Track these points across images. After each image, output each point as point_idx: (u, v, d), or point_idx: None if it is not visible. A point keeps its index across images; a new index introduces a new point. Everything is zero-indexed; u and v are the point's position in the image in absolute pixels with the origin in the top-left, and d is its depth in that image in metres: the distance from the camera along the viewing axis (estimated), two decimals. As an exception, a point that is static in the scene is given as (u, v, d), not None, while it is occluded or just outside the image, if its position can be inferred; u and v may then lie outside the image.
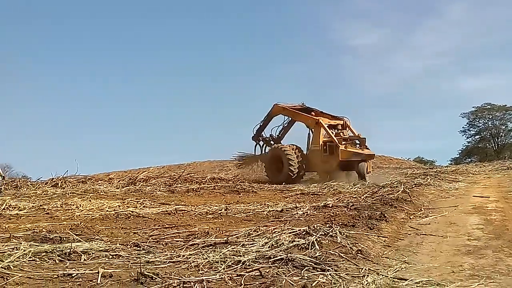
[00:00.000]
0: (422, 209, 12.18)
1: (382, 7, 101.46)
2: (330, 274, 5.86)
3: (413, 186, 16.78)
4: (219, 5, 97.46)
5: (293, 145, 23.37)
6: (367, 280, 5.73)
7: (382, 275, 6.02)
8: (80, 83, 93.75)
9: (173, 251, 6.95)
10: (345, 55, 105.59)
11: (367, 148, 23.12)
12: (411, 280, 5.80)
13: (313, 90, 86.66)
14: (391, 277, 5.96)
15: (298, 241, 7.32)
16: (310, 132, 23.64)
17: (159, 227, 9.38)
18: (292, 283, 5.44)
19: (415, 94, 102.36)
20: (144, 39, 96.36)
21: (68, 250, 6.56)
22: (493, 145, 67.70)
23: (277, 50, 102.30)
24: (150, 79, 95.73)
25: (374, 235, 8.50)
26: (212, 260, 6.25)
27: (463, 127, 69.41)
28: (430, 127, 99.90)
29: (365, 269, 6.29)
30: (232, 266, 6.03)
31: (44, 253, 6.49)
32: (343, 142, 22.64)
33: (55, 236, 7.75)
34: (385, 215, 10.20)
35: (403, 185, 16.02)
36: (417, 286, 5.60)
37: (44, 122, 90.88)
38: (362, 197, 13.67)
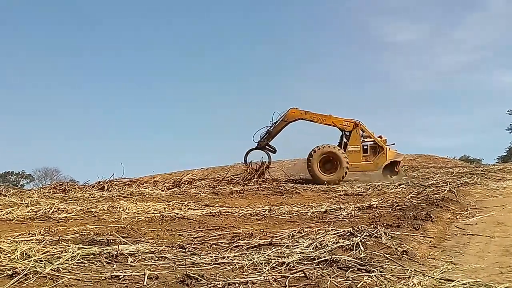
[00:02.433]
0: (469, 208, 11.98)
1: (420, 2, 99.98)
2: (375, 275, 5.82)
3: (459, 185, 16.52)
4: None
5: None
6: (412, 281, 5.67)
7: (428, 276, 5.95)
8: (126, 86, 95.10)
9: (217, 253, 7.00)
10: (384, 52, 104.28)
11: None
12: (458, 281, 5.71)
13: (349, 88, 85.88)
14: (437, 278, 5.89)
15: (343, 242, 7.28)
16: (344, 135, 24.17)
17: (204, 229, 9.46)
18: (337, 284, 5.42)
19: (457, 89, 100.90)
20: (189, 41, 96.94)
21: (115, 252, 6.67)
22: (543, 142, 66.14)
23: (313, 48, 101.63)
24: (195, 80, 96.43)
25: (420, 236, 8.40)
26: (256, 262, 6.27)
27: (510, 124, 68.10)
28: (474, 124, 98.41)
29: (411, 270, 6.22)
30: (276, 268, 6.04)
31: (92, 255, 6.61)
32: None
33: (102, 239, 7.90)
34: (431, 215, 10.06)
35: (449, 184, 15.78)
36: (464, 287, 5.52)
37: (90, 126, 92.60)
38: (407, 197, 13.53)
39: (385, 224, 9.00)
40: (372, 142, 23.82)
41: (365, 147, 23.67)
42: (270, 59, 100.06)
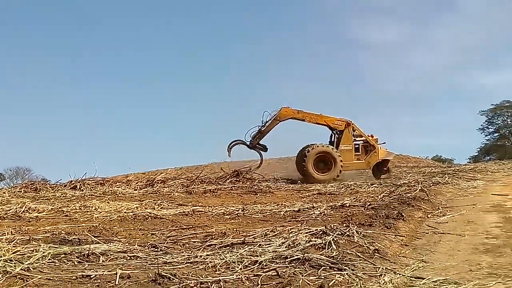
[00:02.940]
0: (440, 207, 12.13)
1: (399, 2, 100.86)
2: (347, 273, 5.87)
3: (431, 184, 16.71)
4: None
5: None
6: (384, 280, 5.72)
7: (399, 274, 6.01)
8: (98, 85, 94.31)
9: (190, 252, 6.99)
10: (362, 51, 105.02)
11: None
12: (428, 279, 5.78)
13: (327, 88, 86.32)
14: (408, 276, 5.95)
15: (315, 241, 7.32)
16: (333, 134, 24.50)
17: (177, 228, 9.43)
18: (309, 282, 5.46)
19: (433, 90, 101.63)
20: (159, 40, 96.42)
21: (87, 252, 6.62)
22: (512, 142, 67.19)
23: (289, 47, 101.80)
24: (168, 79, 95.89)
25: (392, 234, 8.48)
26: (229, 261, 6.28)
27: (481, 125, 69.18)
28: (448, 124, 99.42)
29: (382, 268, 6.28)
30: (249, 266, 6.05)
31: (63, 255, 6.56)
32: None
33: (74, 238, 7.83)
34: (403, 214, 10.17)
35: (421, 184, 15.96)
36: (434, 285, 5.58)
37: (63, 126, 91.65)
38: (379, 197, 13.66)
39: (358, 223, 9.06)
40: (363, 141, 24.22)
41: (356, 146, 24.02)
42: (248, 59, 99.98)
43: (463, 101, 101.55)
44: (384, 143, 24.85)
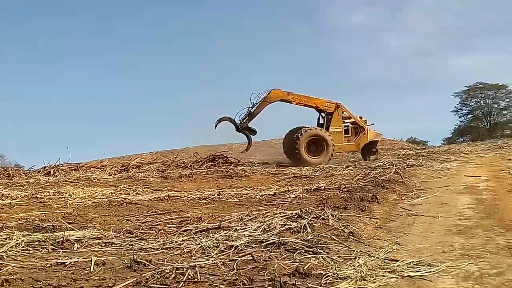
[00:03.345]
0: (414, 190, 12.26)
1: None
2: (322, 256, 5.92)
3: (405, 167, 16.84)
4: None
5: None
6: (358, 262, 5.79)
7: (374, 257, 6.08)
8: (70, 71, 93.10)
9: (165, 238, 7.00)
10: (336, 36, 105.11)
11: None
12: (402, 261, 5.87)
13: (301, 73, 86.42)
14: (382, 259, 6.03)
15: (290, 225, 7.37)
16: (321, 116, 24.55)
17: (152, 213, 9.41)
18: (284, 266, 5.49)
19: (408, 73, 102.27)
20: (129, 28, 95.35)
21: (61, 239, 6.59)
22: (486, 124, 68.12)
23: (263, 34, 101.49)
24: (142, 65, 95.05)
25: (366, 217, 8.57)
26: (204, 246, 6.30)
27: (455, 107, 69.94)
28: (423, 107, 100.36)
29: (357, 251, 6.35)
30: (225, 251, 6.07)
31: (37, 242, 6.51)
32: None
33: (48, 225, 7.79)
34: (377, 196, 10.27)
35: (395, 166, 16.09)
36: (408, 267, 5.66)
37: (36, 111, 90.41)
38: (354, 179, 13.74)
39: (332, 206, 9.12)
40: (352, 123, 24.36)
41: (345, 128, 24.13)
42: (223, 46, 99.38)
43: (438, 84, 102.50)
44: (373, 124, 25.19)
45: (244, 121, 23.55)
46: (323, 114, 24.47)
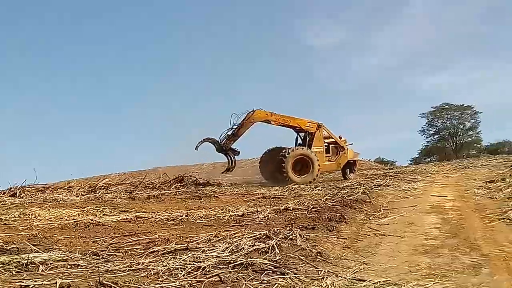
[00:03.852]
0: (381, 209, 12.36)
1: (341, 7, 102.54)
2: (289, 277, 5.93)
3: (373, 187, 17.01)
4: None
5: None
6: (326, 282, 5.81)
7: (341, 277, 6.11)
8: (35, 87, 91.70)
9: (132, 259, 6.92)
10: (307, 54, 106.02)
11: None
12: (369, 281, 5.91)
13: (274, 91, 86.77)
14: (349, 279, 6.06)
15: (259, 245, 7.36)
16: (299, 136, 24.71)
17: (119, 235, 9.32)
18: (252, 287, 5.48)
19: (377, 92, 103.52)
20: (97, 36, 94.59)
21: (26, 261, 6.47)
22: (452, 144, 69.02)
23: (235, 51, 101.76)
24: (109, 79, 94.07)
25: (334, 237, 8.61)
26: (172, 267, 6.25)
27: (422, 127, 70.70)
28: (391, 126, 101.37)
29: (324, 271, 6.37)
30: (192, 273, 6.04)
31: (1, 265, 6.38)
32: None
33: (12, 247, 7.64)
34: (345, 216, 10.33)
35: (363, 186, 16.23)
36: (375, 287, 5.70)
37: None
38: (322, 200, 13.81)
39: (301, 226, 9.15)
40: (332, 143, 24.70)
41: (326, 147, 24.42)
42: (194, 63, 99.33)
43: (405, 103, 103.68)
44: (352, 144, 25.51)
45: (228, 142, 23.46)
46: (301, 134, 24.62)
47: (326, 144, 24.50)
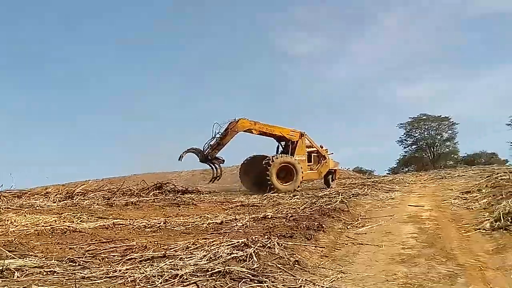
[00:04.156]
0: (359, 219, 12.42)
1: (318, 16, 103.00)
2: (267, 285, 5.94)
3: (351, 196, 17.07)
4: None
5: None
6: (303, 291, 5.83)
7: (318, 286, 6.14)
8: (12, 92, 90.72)
9: (109, 266, 6.87)
10: (284, 63, 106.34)
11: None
12: (346, 289, 5.94)
13: (250, 100, 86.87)
14: (327, 287, 6.08)
15: (236, 253, 7.36)
16: (280, 145, 24.83)
17: (96, 241, 9.24)
18: (229, 295, 5.48)
19: (354, 102, 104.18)
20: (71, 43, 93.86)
21: (1, 268, 6.40)
22: (429, 154, 69.72)
23: (211, 59, 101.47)
24: (89, 86, 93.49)
25: (312, 246, 8.63)
26: (149, 275, 6.23)
27: (400, 137, 71.35)
28: (369, 135, 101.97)
29: (302, 279, 6.39)
30: (170, 280, 6.02)
31: (-24, 271, 6.32)
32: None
33: (-13, 254, 7.56)
34: (323, 225, 10.37)
35: (341, 195, 16.28)
36: (352, 296, 5.73)
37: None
38: (300, 208, 13.82)
39: (279, 234, 9.16)
40: (314, 152, 24.89)
41: (308, 156, 24.54)
42: (171, 69, 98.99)
43: (382, 113, 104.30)
44: (332, 153, 25.71)
45: (213, 151, 23.39)
46: (282, 142, 24.75)
47: (308, 153, 24.61)
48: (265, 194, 19.64)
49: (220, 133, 23.39)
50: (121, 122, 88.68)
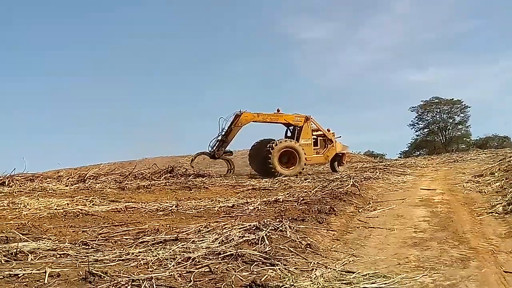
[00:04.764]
0: (371, 202, 12.42)
1: (329, 2, 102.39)
2: (279, 268, 5.95)
3: (362, 179, 17.04)
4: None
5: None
6: (315, 274, 5.83)
7: (330, 269, 6.14)
8: (25, 79, 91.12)
9: (122, 249, 6.91)
10: (293, 50, 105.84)
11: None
12: (358, 272, 5.94)
13: (260, 87, 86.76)
14: (339, 270, 6.09)
15: (248, 237, 7.38)
16: (289, 129, 24.83)
17: (109, 225, 9.29)
18: (241, 278, 5.49)
19: (365, 88, 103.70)
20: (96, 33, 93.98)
21: (15, 250, 6.45)
22: (441, 138, 69.47)
23: (222, 46, 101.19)
24: (100, 73, 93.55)
25: (323, 229, 8.64)
26: (161, 258, 6.25)
27: (412, 121, 71.12)
28: (380, 120, 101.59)
29: (314, 263, 6.40)
30: (182, 263, 6.04)
31: (-10, 254, 6.37)
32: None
33: (1, 236, 7.59)
34: (335, 209, 10.37)
35: (353, 179, 16.27)
36: (364, 279, 5.73)
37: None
38: (312, 192, 13.83)
39: (291, 218, 9.17)
40: (321, 135, 24.73)
41: (314, 140, 24.40)
42: (180, 57, 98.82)
43: (394, 98, 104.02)
44: (340, 137, 25.49)
45: (219, 149, 23.51)
46: (291, 127, 24.68)
47: (315, 136, 24.51)
48: (276, 178, 19.63)
49: (224, 129, 23.45)
50: (131, 105, 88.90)
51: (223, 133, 23.47)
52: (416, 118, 71.03)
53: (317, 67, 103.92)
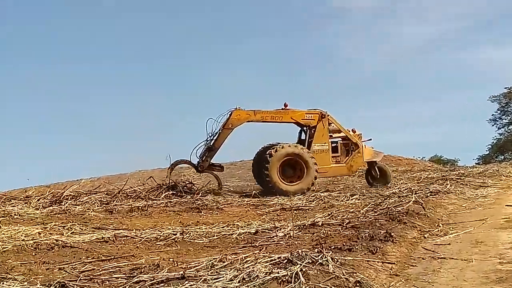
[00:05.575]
0: (440, 224, 12.35)
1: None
2: (319, 315, 5.94)
3: (428, 194, 16.96)
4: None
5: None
6: (369, 322, 5.82)
7: (389, 315, 6.12)
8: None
9: (111, 292, 6.96)
10: (322, 25, 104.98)
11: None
12: (427, 320, 5.91)
13: (285, 71, 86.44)
14: (400, 317, 6.07)
15: (278, 273, 7.35)
16: (303, 131, 23.99)
17: (93, 260, 9.35)
18: (270, 329, 5.50)
19: (420, 71, 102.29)
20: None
21: (-28, 296, 6.53)
22: (534, 137, 68.62)
23: (231, 22, 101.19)
24: (79, 71, 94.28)
25: (378, 261, 8.60)
26: (163, 302, 6.28)
27: (493, 115, 70.25)
28: (446, 114, 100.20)
29: (367, 307, 6.38)
30: (191, 310, 6.06)
31: None
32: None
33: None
34: (392, 234, 10.32)
35: (415, 193, 16.17)
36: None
37: None
38: (361, 212, 13.79)
39: (333, 247, 9.15)
40: (342, 138, 23.73)
41: (334, 145, 23.39)
42: (181, 43, 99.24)
43: (465, 83, 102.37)
44: (370, 139, 24.53)
45: (204, 159, 22.82)
46: (305, 127, 23.79)
47: (334, 140, 23.55)
48: (313, 195, 19.49)
49: (211, 134, 22.71)
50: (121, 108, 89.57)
51: (209, 139, 22.75)
52: (499, 111, 70.30)
53: (356, 47, 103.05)
